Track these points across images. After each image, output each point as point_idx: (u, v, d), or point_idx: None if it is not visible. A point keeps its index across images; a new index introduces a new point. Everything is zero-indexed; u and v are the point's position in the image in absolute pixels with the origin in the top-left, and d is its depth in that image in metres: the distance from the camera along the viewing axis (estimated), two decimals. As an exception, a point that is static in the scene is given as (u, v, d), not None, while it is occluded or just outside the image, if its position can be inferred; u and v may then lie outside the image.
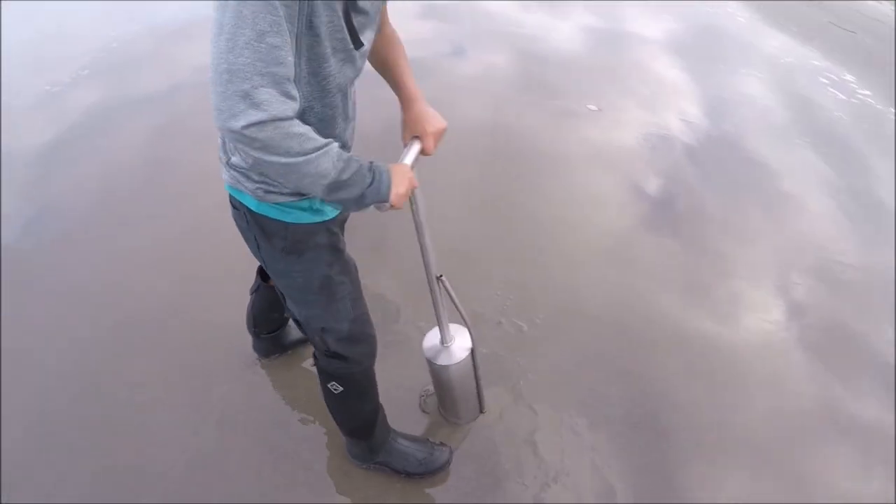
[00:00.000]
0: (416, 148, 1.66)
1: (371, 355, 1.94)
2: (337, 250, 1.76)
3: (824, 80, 5.27)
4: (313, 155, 1.29)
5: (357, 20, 1.40)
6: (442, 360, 2.12)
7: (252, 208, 1.61)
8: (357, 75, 1.53)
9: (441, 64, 4.74)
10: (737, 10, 6.45)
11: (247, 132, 1.19)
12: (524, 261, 3.02)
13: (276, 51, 1.19)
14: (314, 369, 2.35)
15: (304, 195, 1.57)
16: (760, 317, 2.88)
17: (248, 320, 2.48)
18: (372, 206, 1.48)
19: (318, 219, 1.66)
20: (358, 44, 1.42)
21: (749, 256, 3.19)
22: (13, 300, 2.90)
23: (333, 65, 1.38)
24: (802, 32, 6.21)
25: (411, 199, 1.69)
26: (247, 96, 1.18)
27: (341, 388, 1.95)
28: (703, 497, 2.19)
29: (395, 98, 1.74)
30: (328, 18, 1.30)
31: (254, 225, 1.65)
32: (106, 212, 3.41)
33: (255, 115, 1.18)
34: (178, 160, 3.77)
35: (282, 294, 1.85)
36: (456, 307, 2.05)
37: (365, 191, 1.43)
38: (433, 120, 1.70)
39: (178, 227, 3.23)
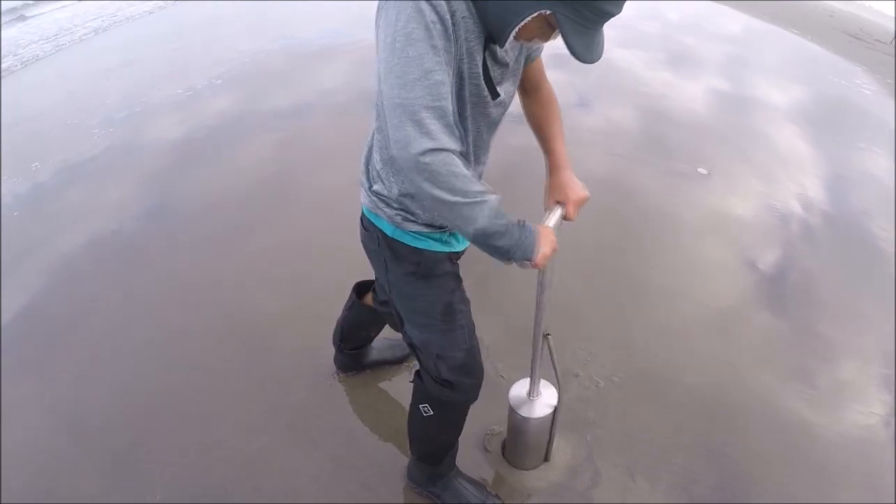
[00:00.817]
0: (559, 213, 1.73)
1: (476, 389, 1.94)
2: (459, 279, 1.86)
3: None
4: (472, 200, 1.36)
5: (495, 72, 1.50)
6: (524, 412, 2.14)
7: (387, 233, 1.71)
8: (493, 124, 1.62)
9: (565, 114, 4.73)
10: (864, 84, 6.16)
11: (421, 159, 1.30)
12: (618, 320, 2.95)
13: (441, 87, 1.30)
14: (391, 390, 2.58)
15: (436, 227, 1.69)
16: (863, 409, 2.66)
17: (335, 333, 2.56)
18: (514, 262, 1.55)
19: (446, 249, 1.77)
20: (494, 94, 1.52)
21: (858, 344, 2.96)
22: (115, 279, 3.16)
23: (469, 110, 1.49)
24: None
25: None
26: (417, 125, 1.29)
27: (432, 413, 1.96)
28: None
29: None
30: (468, 66, 1.41)
31: (385, 248, 1.75)
32: (218, 213, 3.64)
33: (426, 143, 1.29)
34: (296, 177, 3.97)
35: (400, 318, 1.90)
36: (553, 367, 2.09)
37: (512, 246, 1.48)
38: (577, 188, 1.78)
39: (283, 239, 3.38)
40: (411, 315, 1.85)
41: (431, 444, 2.13)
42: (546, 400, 2.16)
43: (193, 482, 2.22)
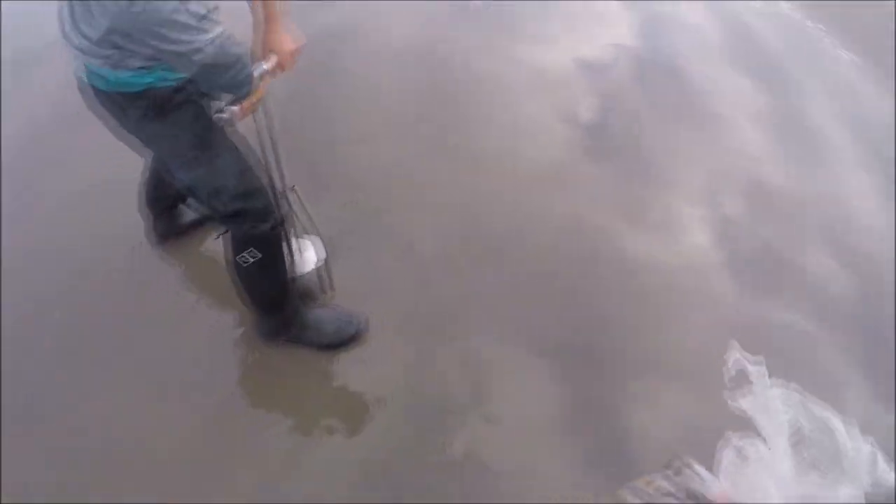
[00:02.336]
0: (272, 61, 1.76)
1: (269, 208, 1.88)
2: (200, 107, 1.74)
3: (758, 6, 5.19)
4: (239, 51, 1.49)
5: None
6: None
7: (109, 79, 1.59)
8: None
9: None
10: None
11: (205, 55, 1.39)
12: (462, 187, 2.89)
13: None
14: (217, 248, 2.39)
15: (158, 60, 1.56)
16: (692, 239, 2.84)
17: (141, 198, 2.41)
18: (219, 112, 1.64)
19: (173, 77, 1.63)
20: None
21: (682, 179, 3.12)
22: None
23: None
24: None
25: (258, 112, 1.80)
26: (186, 27, 1.34)
27: (259, 255, 1.89)
28: (642, 418, 2.16)
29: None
30: None
31: (113, 97, 1.64)
32: None
33: (205, 37, 1.38)
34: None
35: (166, 165, 1.87)
36: (309, 217, 2.11)
37: (235, 76, 1.55)
38: (288, 40, 1.81)
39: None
40: (170, 157, 1.79)
41: (270, 289, 2.06)
42: (310, 256, 2.19)
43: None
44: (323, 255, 2.18)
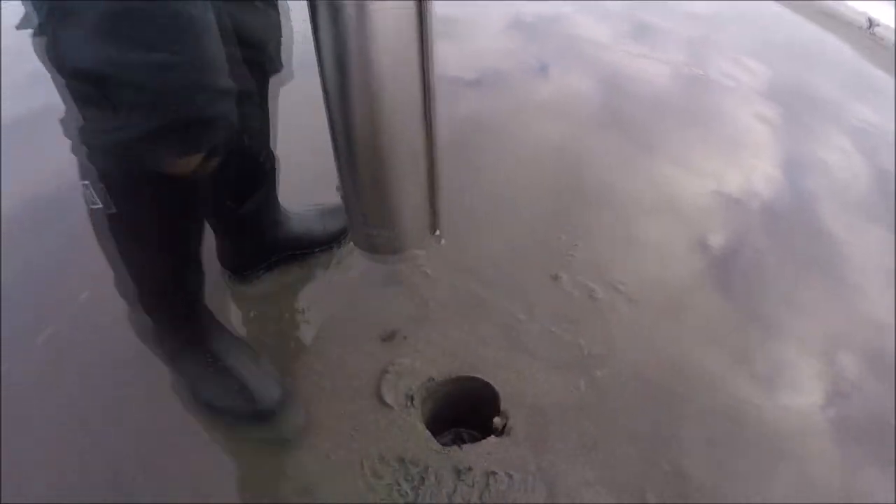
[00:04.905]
0: None
1: (190, 81, 0.92)
2: None
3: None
4: None
5: None
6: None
7: None
8: None
9: (522, 79, 4.73)
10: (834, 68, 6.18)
11: None
12: (577, 301, 2.84)
13: None
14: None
15: None
16: (800, 394, 2.65)
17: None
18: None
19: None
20: None
21: (800, 330, 2.95)
22: None
23: None
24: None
25: None
26: None
27: (101, 204, 0.95)
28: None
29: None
30: None
31: None
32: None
33: None
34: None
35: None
36: None
37: None
38: None
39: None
40: None
41: (123, 265, 1.13)
42: None
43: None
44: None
